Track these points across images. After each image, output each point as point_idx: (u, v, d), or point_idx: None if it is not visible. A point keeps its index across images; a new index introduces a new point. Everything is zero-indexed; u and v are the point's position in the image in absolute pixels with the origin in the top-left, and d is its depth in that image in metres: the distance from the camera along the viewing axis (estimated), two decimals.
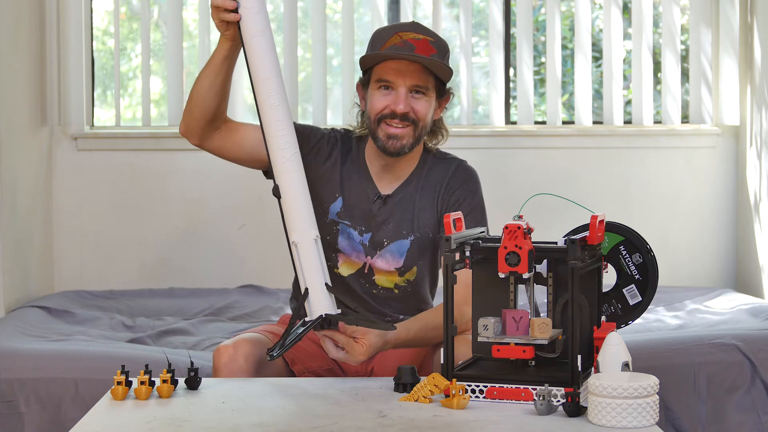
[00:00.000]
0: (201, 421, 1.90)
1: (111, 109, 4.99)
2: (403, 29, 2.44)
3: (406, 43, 2.40)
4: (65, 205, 4.21)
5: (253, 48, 2.18)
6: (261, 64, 2.17)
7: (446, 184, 2.52)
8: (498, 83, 4.36)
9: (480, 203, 2.53)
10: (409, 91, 2.42)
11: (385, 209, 2.51)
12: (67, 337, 3.24)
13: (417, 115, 2.43)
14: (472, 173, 2.56)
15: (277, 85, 2.18)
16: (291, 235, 2.16)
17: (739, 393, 2.95)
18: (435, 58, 2.40)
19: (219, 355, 2.34)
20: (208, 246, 4.26)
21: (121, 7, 4.68)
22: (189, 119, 2.44)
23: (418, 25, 2.48)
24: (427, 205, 2.51)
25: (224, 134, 2.47)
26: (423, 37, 2.42)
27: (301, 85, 4.56)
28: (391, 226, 2.51)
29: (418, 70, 2.41)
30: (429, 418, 1.90)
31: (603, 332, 2.03)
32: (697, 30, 4.37)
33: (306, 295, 2.13)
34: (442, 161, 2.56)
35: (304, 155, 2.52)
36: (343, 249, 2.52)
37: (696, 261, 4.37)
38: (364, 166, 2.54)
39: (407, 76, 2.41)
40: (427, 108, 2.45)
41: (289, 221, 2.17)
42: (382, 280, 2.53)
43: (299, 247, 2.15)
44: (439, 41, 2.45)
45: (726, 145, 4.37)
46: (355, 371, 2.52)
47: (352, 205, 2.52)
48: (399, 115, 2.42)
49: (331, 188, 2.53)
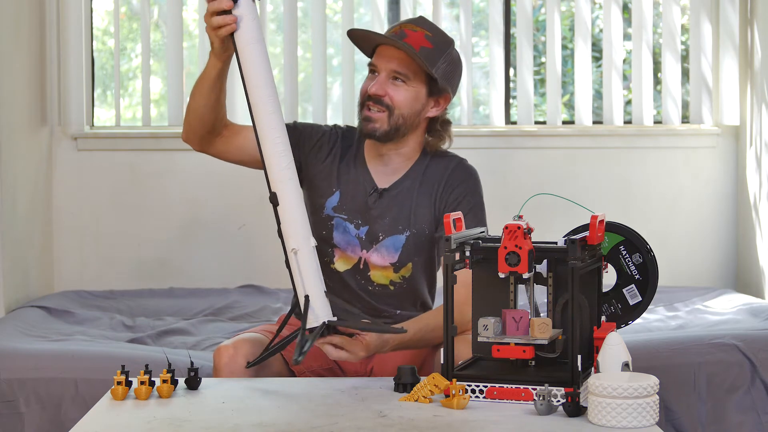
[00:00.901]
0: (201, 421, 1.90)
1: (111, 109, 4.99)
2: (409, 21, 2.49)
3: (401, 32, 2.44)
4: (65, 205, 4.21)
5: (248, 56, 2.16)
6: (256, 71, 2.16)
7: (445, 181, 2.52)
8: (498, 83, 4.36)
9: (480, 202, 2.53)
10: (389, 76, 2.45)
11: (380, 203, 2.51)
12: (67, 337, 3.24)
13: (392, 101, 2.45)
14: (471, 171, 2.56)
15: (273, 93, 2.17)
16: (289, 242, 2.15)
17: (739, 393, 2.95)
18: (425, 51, 2.41)
19: (219, 355, 2.34)
20: (208, 246, 4.26)
21: (121, 7, 4.68)
22: (189, 130, 2.46)
23: (423, 19, 2.51)
24: (424, 202, 2.51)
25: (226, 139, 2.47)
26: (420, 29, 2.44)
27: (301, 85, 4.56)
28: (387, 221, 2.51)
29: (401, 57, 2.44)
30: (429, 418, 1.90)
31: (603, 332, 2.04)
32: (697, 30, 4.37)
33: (308, 303, 2.12)
34: (441, 159, 2.56)
35: (305, 153, 2.53)
36: (339, 243, 2.52)
37: (696, 261, 4.37)
38: (362, 159, 2.55)
39: (390, 61, 2.44)
40: (405, 96, 2.45)
41: (287, 229, 2.15)
42: (377, 275, 2.53)
43: (299, 255, 2.14)
44: (438, 37, 2.46)
45: (726, 145, 4.37)
46: (355, 371, 2.52)
47: (349, 199, 2.52)
48: (373, 98, 2.44)
49: (328, 183, 2.53)
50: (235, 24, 2.16)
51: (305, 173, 2.55)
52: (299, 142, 2.53)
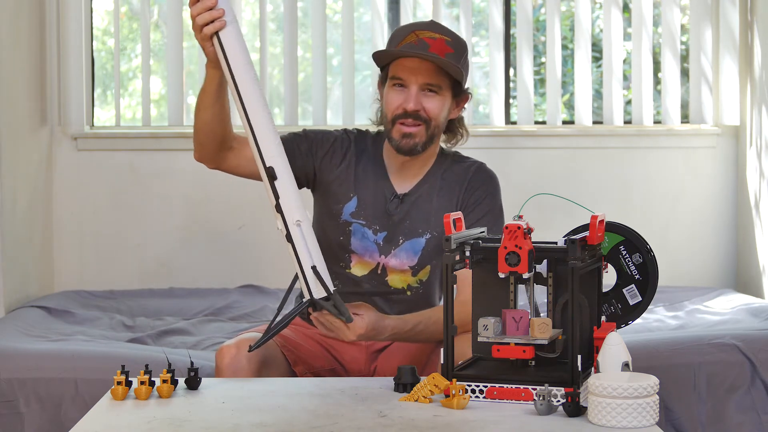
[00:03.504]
0: (201, 421, 1.90)
1: (111, 109, 4.99)
2: (421, 28, 2.46)
3: (421, 42, 2.41)
4: (65, 205, 4.21)
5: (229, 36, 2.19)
6: (239, 50, 2.19)
7: (467, 183, 2.53)
8: (498, 83, 4.36)
9: (498, 205, 2.54)
10: (421, 89, 2.42)
11: (401, 208, 2.51)
12: (67, 337, 3.24)
13: (428, 114, 2.44)
14: (492, 175, 2.57)
15: (254, 73, 2.20)
16: (292, 214, 2.14)
17: (739, 393, 2.95)
18: (450, 57, 2.40)
19: (222, 355, 2.34)
20: (208, 246, 4.26)
21: (121, 7, 4.68)
22: (201, 149, 2.45)
23: (435, 24, 2.49)
24: (445, 205, 2.51)
25: (237, 152, 2.47)
26: (439, 36, 2.42)
27: (301, 85, 4.56)
28: (407, 224, 2.51)
29: (430, 68, 2.41)
30: (429, 418, 1.90)
31: (603, 332, 2.03)
32: (697, 30, 4.37)
33: (316, 272, 2.13)
34: (461, 162, 2.57)
35: (319, 160, 2.53)
36: (356, 249, 2.52)
37: (696, 261, 4.37)
38: (381, 164, 2.54)
39: (419, 74, 2.42)
40: (439, 107, 2.45)
41: (287, 202, 2.15)
42: (395, 280, 2.52)
43: (302, 226, 2.15)
44: (456, 41, 2.45)
45: (726, 145, 4.37)
46: (359, 370, 2.52)
47: (368, 204, 2.51)
48: (410, 114, 2.42)
49: (346, 189, 2.52)
50: (223, 19, 2.19)
51: (319, 180, 2.54)
52: (311, 150, 2.52)
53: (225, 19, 2.19)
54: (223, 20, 2.18)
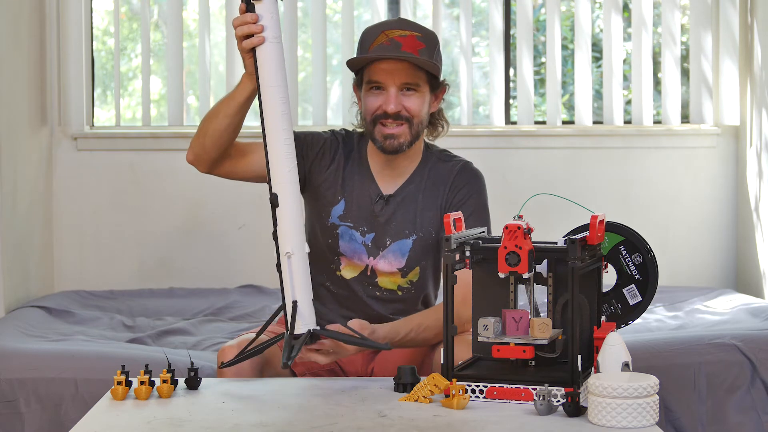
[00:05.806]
0: (201, 421, 1.90)
1: (111, 109, 4.99)
2: (390, 27, 2.45)
3: (392, 42, 2.40)
4: (65, 205, 4.21)
5: (266, 54, 2.14)
6: (272, 70, 2.14)
7: (451, 183, 2.52)
8: (498, 83, 4.36)
9: (484, 204, 2.53)
10: (399, 89, 2.42)
11: (387, 209, 2.51)
12: (67, 337, 3.24)
13: (410, 113, 2.44)
14: (476, 173, 2.56)
15: (286, 95, 2.15)
16: (285, 245, 2.13)
17: (739, 393, 2.95)
18: (423, 52, 2.41)
19: (223, 355, 2.34)
20: (208, 246, 4.26)
21: (121, 7, 4.68)
22: (200, 151, 2.42)
23: (404, 21, 2.49)
24: (430, 205, 2.51)
25: (235, 161, 2.46)
26: (409, 33, 2.42)
27: (301, 85, 4.56)
28: (393, 226, 2.50)
29: (406, 67, 2.41)
30: (429, 418, 1.90)
31: (603, 332, 2.04)
32: (697, 30, 4.37)
33: (295, 308, 2.11)
34: (446, 161, 2.56)
35: (310, 162, 2.52)
36: (345, 252, 2.51)
37: (696, 261, 4.37)
38: (366, 165, 2.54)
39: (396, 75, 2.41)
40: (419, 104, 2.45)
41: (285, 232, 2.14)
42: (385, 281, 2.52)
43: (292, 259, 2.13)
44: (426, 35, 2.44)
45: (726, 145, 4.37)
46: (356, 371, 2.52)
47: (355, 206, 2.51)
48: (392, 115, 2.42)
49: (333, 192, 2.52)
50: (261, 35, 2.13)
51: (309, 182, 2.53)
52: (302, 153, 2.51)
53: (264, 36, 2.14)
54: (262, 36, 2.13)
